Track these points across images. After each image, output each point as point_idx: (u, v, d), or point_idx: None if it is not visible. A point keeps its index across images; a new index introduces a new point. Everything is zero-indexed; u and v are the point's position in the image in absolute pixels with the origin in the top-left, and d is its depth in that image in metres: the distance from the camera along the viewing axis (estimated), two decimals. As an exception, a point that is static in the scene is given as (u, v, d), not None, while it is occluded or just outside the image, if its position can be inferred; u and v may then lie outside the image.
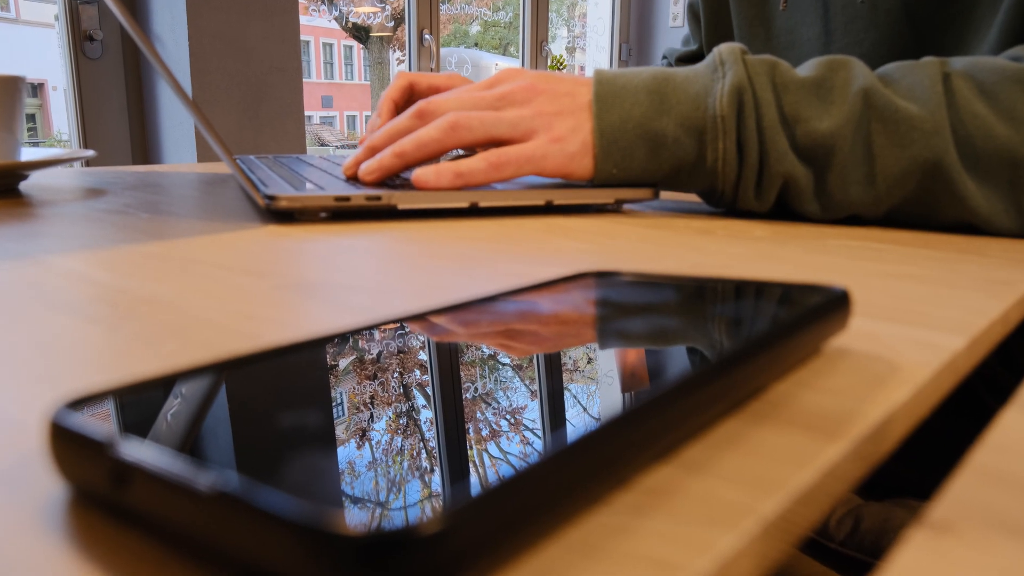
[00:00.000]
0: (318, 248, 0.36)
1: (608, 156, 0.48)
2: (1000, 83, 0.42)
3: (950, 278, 0.31)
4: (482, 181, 0.48)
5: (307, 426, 0.14)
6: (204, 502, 0.10)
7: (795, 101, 0.45)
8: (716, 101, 0.46)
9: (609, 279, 0.24)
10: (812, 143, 0.45)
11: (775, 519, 0.13)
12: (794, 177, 0.45)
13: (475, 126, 0.48)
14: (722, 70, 0.47)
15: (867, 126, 0.44)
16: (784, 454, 0.15)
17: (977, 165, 0.42)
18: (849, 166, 0.44)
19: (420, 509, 0.11)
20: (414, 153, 0.49)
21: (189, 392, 0.14)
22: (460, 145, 0.49)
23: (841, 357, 0.21)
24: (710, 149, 0.47)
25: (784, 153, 0.45)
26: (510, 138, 0.48)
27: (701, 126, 0.46)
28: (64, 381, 0.19)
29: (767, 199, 0.47)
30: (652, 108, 0.47)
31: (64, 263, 0.32)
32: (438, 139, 0.48)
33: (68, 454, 0.12)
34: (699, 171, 0.48)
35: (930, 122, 0.43)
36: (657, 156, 0.48)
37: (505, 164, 0.48)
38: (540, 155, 0.48)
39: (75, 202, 0.53)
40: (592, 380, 0.16)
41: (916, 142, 0.43)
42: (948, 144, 0.42)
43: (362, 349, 0.18)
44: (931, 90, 0.43)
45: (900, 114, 0.43)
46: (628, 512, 0.13)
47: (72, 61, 1.78)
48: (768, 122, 0.45)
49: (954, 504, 0.12)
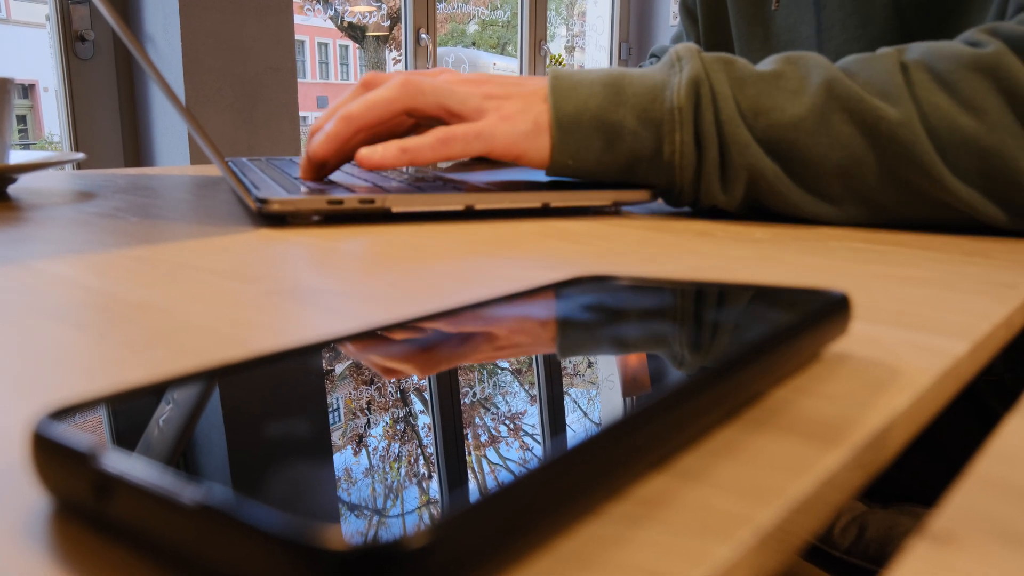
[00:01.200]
0: (310, 252, 0.36)
1: (564, 147, 0.48)
2: (957, 71, 0.42)
3: (953, 281, 0.31)
4: (429, 158, 0.47)
5: (297, 436, 0.14)
6: (189, 515, 0.10)
7: (755, 94, 0.45)
8: (673, 93, 0.46)
9: (604, 283, 0.24)
10: (775, 135, 0.45)
11: (772, 529, 0.13)
12: (759, 170, 0.45)
13: (427, 90, 0.47)
14: (679, 65, 0.47)
15: (831, 116, 0.44)
16: (782, 462, 0.15)
17: (946, 157, 0.42)
18: (815, 158, 0.44)
19: (408, 522, 0.11)
20: (364, 114, 0.47)
21: (177, 401, 0.14)
22: (411, 106, 0.48)
23: (841, 362, 0.21)
24: (667, 142, 0.47)
25: (746, 146, 0.45)
26: (459, 112, 0.48)
27: (658, 118, 0.47)
28: (49, 389, 0.19)
29: (734, 194, 0.47)
30: (608, 100, 0.47)
31: (52, 268, 0.32)
32: (388, 98, 0.47)
33: (51, 465, 0.12)
34: (656, 165, 0.48)
35: (895, 113, 0.42)
36: (613, 148, 0.48)
37: (452, 139, 0.47)
38: (488, 132, 0.47)
39: (64, 205, 0.52)
40: (585, 387, 0.16)
41: (883, 134, 0.43)
42: (918, 133, 0.42)
43: (353, 357, 0.18)
44: (891, 82, 0.43)
45: (865, 104, 0.43)
46: (622, 522, 0.13)
47: (63, 62, 1.78)
48: (726, 115, 0.45)
49: (956, 514, 0.12)
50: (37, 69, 6.37)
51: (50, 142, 4.93)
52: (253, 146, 1.86)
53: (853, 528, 0.61)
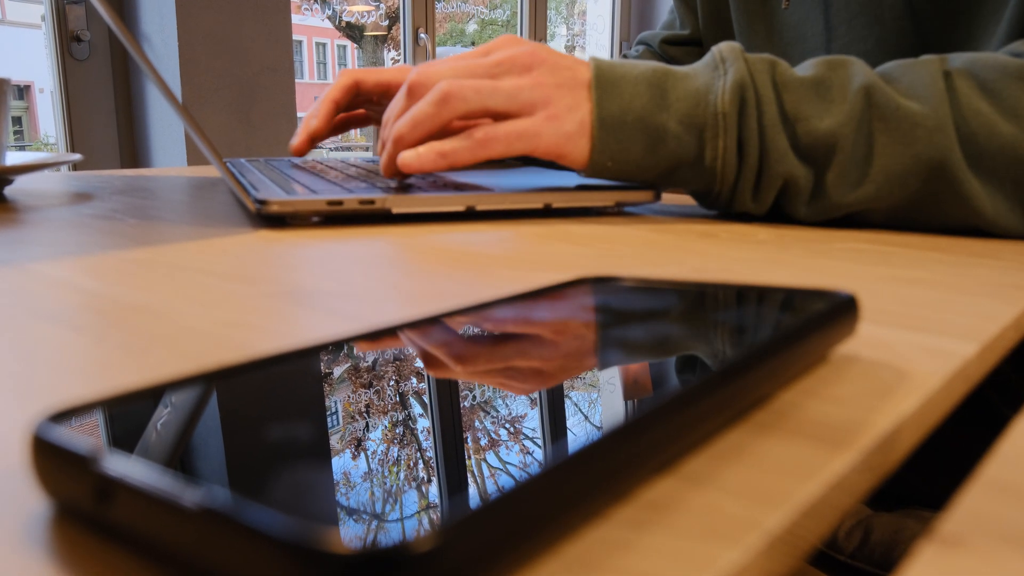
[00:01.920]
0: (310, 254, 0.36)
1: (605, 147, 0.47)
2: (1001, 80, 0.42)
3: (961, 282, 0.31)
4: (468, 160, 0.47)
5: (298, 439, 0.14)
6: (190, 518, 0.10)
7: (796, 99, 0.45)
8: (718, 98, 0.46)
9: (608, 284, 0.24)
10: (812, 142, 0.45)
11: (780, 533, 0.13)
12: (793, 177, 0.45)
13: (469, 96, 0.46)
14: (723, 67, 0.47)
15: (868, 124, 0.44)
16: (789, 466, 0.15)
17: (981, 163, 0.42)
18: (850, 165, 0.44)
19: (412, 526, 0.11)
20: (412, 134, 0.47)
21: (176, 404, 0.14)
22: (455, 117, 0.47)
23: (848, 365, 0.21)
24: (709, 147, 0.46)
25: (784, 152, 0.45)
26: (507, 111, 0.47)
27: (702, 123, 0.46)
28: (47, 392, 0.19)
29: (765, 201, 0.47)
30: (652, 102, 0.47)
31: (49, 270, 0.32)
32: (432, 114, 0.46)
33: (51, 469, 0.12)
34: (697, 170, 0.48)
35: (933, 119, 0.43)
36: (655, 151, 0.47)
37: (493, 141, 0.46)
38: (533, 132, 0.46)
39: (61, 207, 0.53)
40: (591, 390, 0.16)
41: (919, 140, 0.43)
42: (952, 142, 0.42)
43: (355, 358, 0.18)
44: (932, 87, 0.43)
45: (902, 111, 0.43)
46: (628, 526, 0.13)
47: (59, 62, 1.79)
48: (769, 120, 0.45)
49: (965, 517, 0.12)
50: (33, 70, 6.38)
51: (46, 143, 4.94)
52: (250, 147, 1.86)
53: (858, 532, 0.61)
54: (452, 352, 0.18)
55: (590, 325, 0.21)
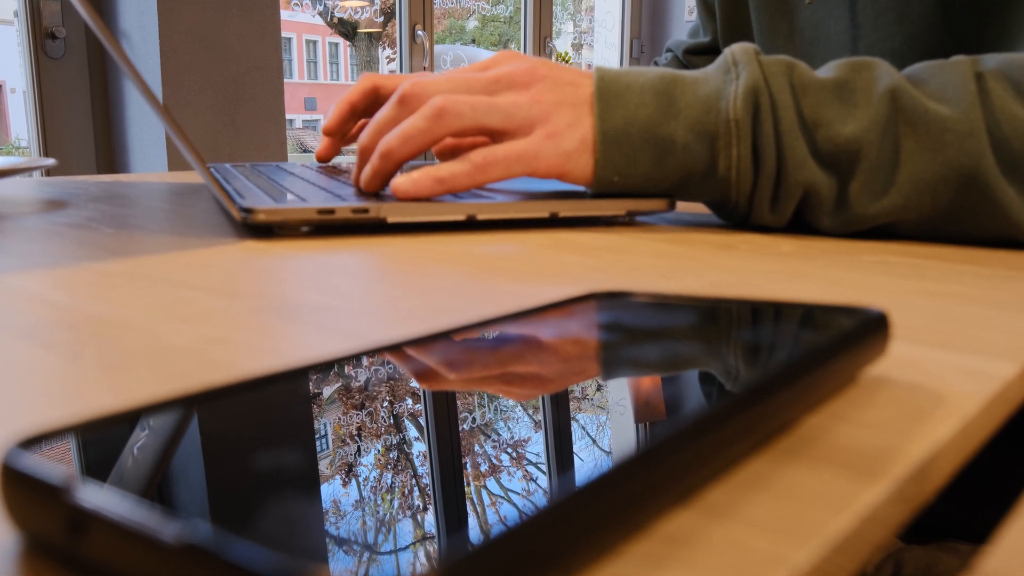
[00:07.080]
0: (299, 266, 0.36)
1: (609, 162, 0.47)
2: None
3: (999, 297, 0.31)
4: (466, 186, 0.47)
5: (285, 467, 0.13)
6: (169, 554, 0.10)
7: (815, 103, 0.45)
8: (729, 104, 0.46)
9: (620, 300, 0.24)
10: (835, 149, 0.45)
11: (808, 570, 0.13)
12: (815, 186, 0.45)
13: (464, 112, 0.46)
14: (735, 71, 0.47)
15: (895, 130, 0.44)
16: (818, 496, 0.15)
17: (1016, 170, 0.42)
18: (875, 173, 0.44)
19: (406, 562, 0.11)
20: (401, 149, 0.47)
21: (155, 429, 0.14)
22: (449, 133, 0.47)
23: (879, 387, 0.21)
24: (723, 156, 0.46)
25: (803, 160, 0.45)
26: (503, 129, 0.47)
27: (713, 131, 0.46)
28: (17, 416, 0.18)
29: (784, 212, 0.47)
30: (659, 111, 0.47)
31: (19, 283, 0.32)
32: (424, 129, 0.47)
33: (20, 499, 0.12)
34: (710, 181, 0.48)
35: (964, 123, 0.43)
36: (663, 164, 0.47)
37: (492, 164, 0.47)
38: (532, 154, 0.47)
39: (33, 215, 0.53)
40: (602, 414, 0.16)
41: (949, 145, 0.43)
42: (984, 147, 0.42)
43: (347, 379, 0.18)
44: (963, 90, 0.43)
45: (931, 116, 0.43)
46: (644, 563, 0.12)
47: (32, 61, 1.80)
48: (786, 126, 0.45)
49: (1008, 554, 0.12)
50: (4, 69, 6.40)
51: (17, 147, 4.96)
52: (236, 151, 1.87)
53: (888, 566, 0.60)
54: (450, 372, 0.18)
55: (599, 344, 0.21)
